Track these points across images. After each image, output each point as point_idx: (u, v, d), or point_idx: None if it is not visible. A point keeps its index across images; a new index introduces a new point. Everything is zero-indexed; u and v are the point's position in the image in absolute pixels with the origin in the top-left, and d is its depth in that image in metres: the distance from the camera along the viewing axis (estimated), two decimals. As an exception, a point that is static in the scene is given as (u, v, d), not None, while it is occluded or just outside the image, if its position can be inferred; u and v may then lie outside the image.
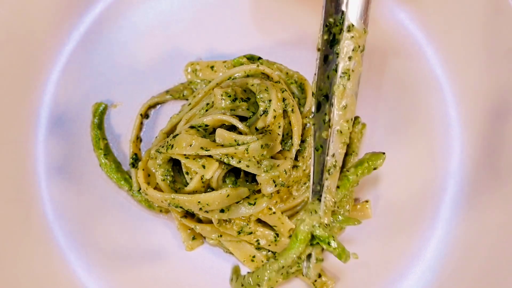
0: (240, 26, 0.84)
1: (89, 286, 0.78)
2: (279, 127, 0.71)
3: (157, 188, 0.74)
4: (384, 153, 0.74)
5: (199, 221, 0.76)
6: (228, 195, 0.69)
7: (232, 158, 0.69)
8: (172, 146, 0.71)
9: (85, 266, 0.78)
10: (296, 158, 0.74)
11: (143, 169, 0.75)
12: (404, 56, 0.82)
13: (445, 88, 0.81)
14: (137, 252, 0.79)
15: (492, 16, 0.77)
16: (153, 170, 0.75)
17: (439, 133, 0.81)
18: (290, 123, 0.73)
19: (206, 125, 0.72)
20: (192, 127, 0.72)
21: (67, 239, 0.79)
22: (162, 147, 0.73)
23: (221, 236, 0.75)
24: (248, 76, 0.77)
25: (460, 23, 0.80)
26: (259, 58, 0.80)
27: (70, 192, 0.80)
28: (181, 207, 0.71)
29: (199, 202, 0.70)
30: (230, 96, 0.72)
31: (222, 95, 0.72)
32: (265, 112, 0.71)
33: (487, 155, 0.78)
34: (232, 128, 0.72)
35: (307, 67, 0.80)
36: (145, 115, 0.82)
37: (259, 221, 0.75)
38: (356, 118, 0.80)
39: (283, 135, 0.72)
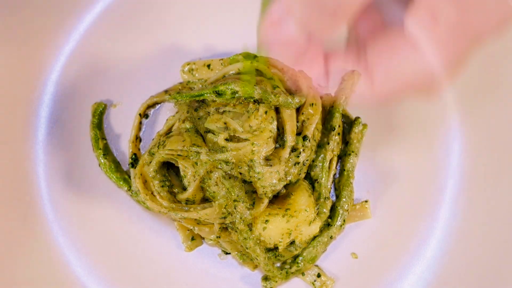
0: (240, 24, 0.83)
1: (89, 286, 0.78)
2: (272, 121, 0.71)
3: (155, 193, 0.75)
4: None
5: (198, 222, 0.76)
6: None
7: (226, 164, 0.68)
8: (164, 143, 0.71)
9: (85, 266, 0.78)
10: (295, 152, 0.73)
11: (140, 176, 0.75)
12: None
13: (445, 88, 0.81)
14: (137, 252, 0.79)
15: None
16: (150, 176, 0.74)
17: (439, 133, 0.81)
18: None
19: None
20: (186, 130, 0.72)
21: (67, 239, 0.79)
22: (154, 147, 0.73)
23: (219, 237, 0.75)
24: (242, 73, 0.76)
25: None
26: (255, 56, 0.80)
27: (69, 192, 0.80)
28: None
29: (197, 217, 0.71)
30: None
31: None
32: (256, 108, 0.70)
33: (487, 155, 0.78)
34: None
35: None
36: (144, 115, 0.82)
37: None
38: (357, 118, 0.80)
39: (278, 130, 0.72)
